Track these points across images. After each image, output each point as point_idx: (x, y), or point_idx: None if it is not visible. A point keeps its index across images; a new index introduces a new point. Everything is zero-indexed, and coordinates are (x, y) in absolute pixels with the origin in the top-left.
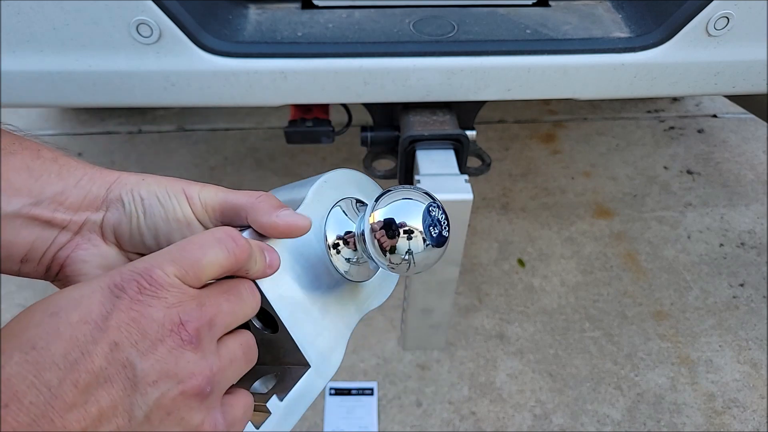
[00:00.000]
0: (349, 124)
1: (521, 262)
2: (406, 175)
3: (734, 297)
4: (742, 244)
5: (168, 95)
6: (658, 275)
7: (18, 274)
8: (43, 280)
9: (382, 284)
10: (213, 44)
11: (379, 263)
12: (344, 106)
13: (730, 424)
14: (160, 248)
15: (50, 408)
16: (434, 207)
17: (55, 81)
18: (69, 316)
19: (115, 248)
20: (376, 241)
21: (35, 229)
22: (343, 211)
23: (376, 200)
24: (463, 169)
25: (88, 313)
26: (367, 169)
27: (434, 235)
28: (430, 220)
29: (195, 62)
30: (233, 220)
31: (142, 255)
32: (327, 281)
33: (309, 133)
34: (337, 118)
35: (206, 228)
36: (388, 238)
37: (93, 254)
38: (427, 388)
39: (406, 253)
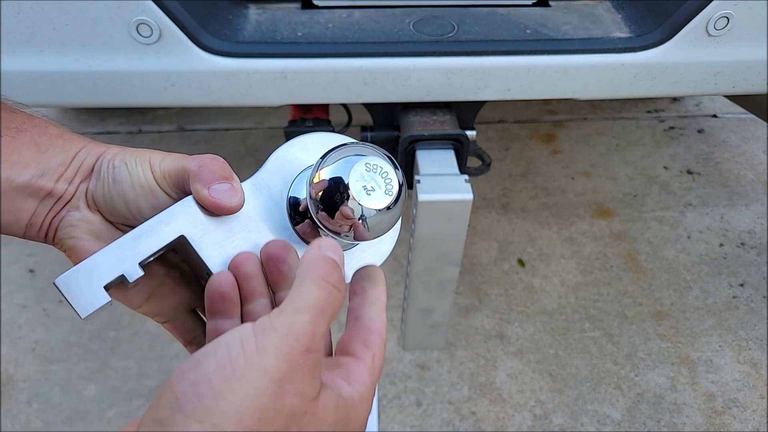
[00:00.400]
0: (349, 124)
1: (521, 262)
2: (406, 175)
3: (734, 297)
4: (742, 244)
5: (168, 95)
6: (658, 275)
7: (23, 237)
8: (40, 287)
9: (366, 254)
10: (213, 44)
11: (329, 234)
12: (344, 106)
13: (730, 424)
14: (130, 213)
15: None
16: (376, 161)
17: (55, 81)
18: None
19: (98, 215)
20: (318, 211)
21: (38, 198)
22: (318, 161)
23: (315, 164)
24: (463, 169)
25: None
26: None
27: (375, 192)
28: (371, 178)
29: (195, 62)
30: (186, 185)
31: (119, 222)
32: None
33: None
34: (337, 118)
35: (167, 194)
36: (330, 205)
37: (79, 220)
38: (427, 388)
39: (359, 219)
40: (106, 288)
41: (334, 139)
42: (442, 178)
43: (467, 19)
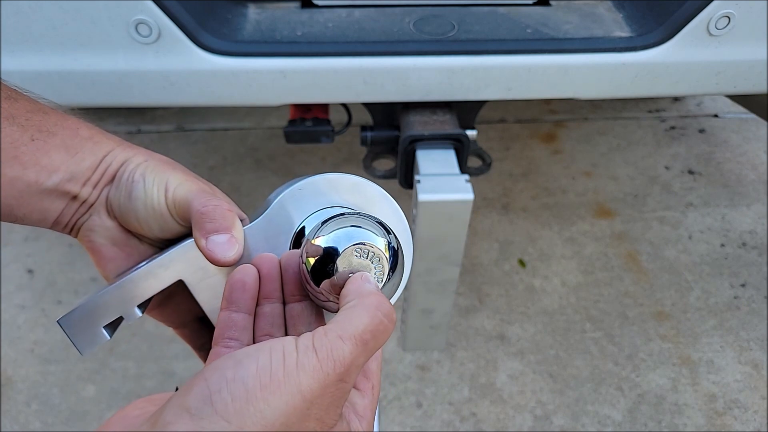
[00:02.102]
0: (348, 123)
1: (522, 263)
2: (406, 174)
3: (735, 297)
4: (744, 244)
5: (167, 95)
6: (659, 275)
7: (51, 228)
8: (39, 288)
9: None
10: (212, 43)
11: (320, 305)
12: (344, 105)
13: (731, 425)
14: (141, 228)
15: None
16: (373, 243)
17: (54, 81)
18: None
19: (115, 222)
20: (309, 285)
21: (65, 201)
22: (316, 228)
23: (308, 235)
24: (463, 168)
25: None
26: (367, 169)
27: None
28: (360, 260)
29: (194, 61)
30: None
31: (133, 232)
32: None
33: (308, 132)
34: (337, 117)
35: (176, 221)
36: (317, 276)
37: (98, 225)
38: (427, 389)
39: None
40: (106, 327)
41: (347, 182)
42: (442, 178)
43: (467, 18)
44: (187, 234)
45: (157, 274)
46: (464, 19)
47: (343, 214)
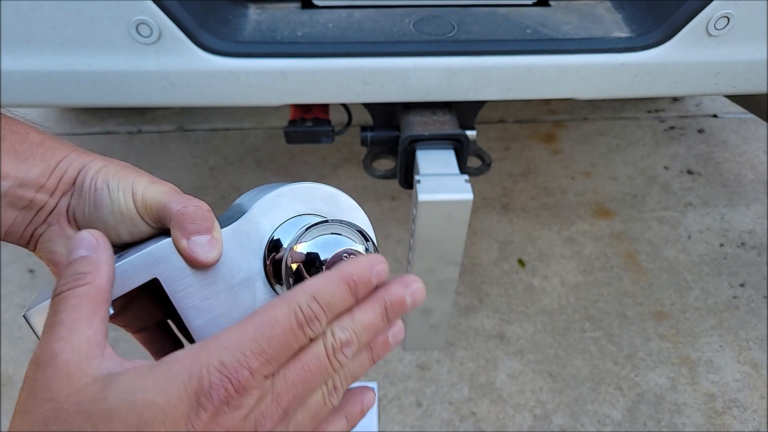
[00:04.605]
0: (349, 124)
1: (521, 263)
2: (406, 175)
3: (734, 297)
4: (743, 244)
5: (167, 95)
6: (659, 275)
7: (3, 240)
8: (40, 287)
9: None
10: (212, 44)
11: None
12: (344, 105)
13: (731, 425)
14: (108, 235)
15: None
16: (353, 247)
17: (54, 81)
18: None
19: (77, 231)
20: (291, 281)
21: (17, 209)
22: (299, 234)
23: (294, 238)
24: (463, 168)
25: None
26: (367, 169)
27: None
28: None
29: (194, 62)
30: (166, 222)
31: None
32: (265, 300)
33: (309, 133)
34: (337, 117)
35: (148, 224)
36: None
37: (58, 235)
38: (427, 389)
39: None
40: None
41: (322, 192)
42: (442, 178)
43: (467, 18)
44: (156, 234)
45: (132, 273)
46: (464, 20)
47: (326, 221)
